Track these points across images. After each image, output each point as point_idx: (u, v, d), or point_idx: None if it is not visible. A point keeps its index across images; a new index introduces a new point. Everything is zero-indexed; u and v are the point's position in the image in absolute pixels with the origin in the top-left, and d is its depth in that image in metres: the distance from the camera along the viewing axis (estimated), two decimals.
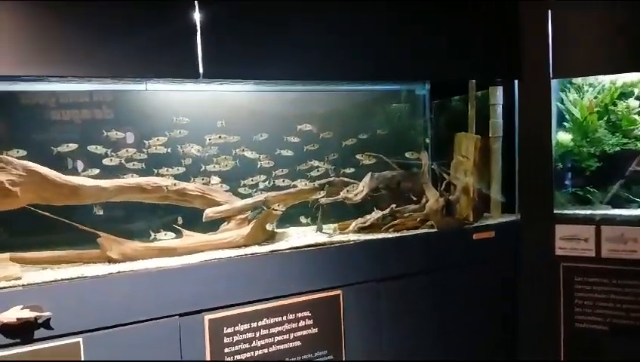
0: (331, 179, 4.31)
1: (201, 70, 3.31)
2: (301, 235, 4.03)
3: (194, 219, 3.84)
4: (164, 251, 3.53)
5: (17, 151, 3.53)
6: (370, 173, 4.26)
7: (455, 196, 4.35)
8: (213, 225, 3.85)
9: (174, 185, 3.64)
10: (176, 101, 3.90)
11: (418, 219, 4.23)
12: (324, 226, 4.18)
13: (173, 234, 3.58)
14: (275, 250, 3.60)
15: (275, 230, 3.98)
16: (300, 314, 3.54)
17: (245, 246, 3.67)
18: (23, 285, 3.12)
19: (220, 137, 3.80)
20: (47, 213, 3.36)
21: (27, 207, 3.44)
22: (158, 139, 3.78)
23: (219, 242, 3.69)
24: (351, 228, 4.11)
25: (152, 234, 3.62)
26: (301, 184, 4.12)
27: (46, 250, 3.67)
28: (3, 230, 3.70)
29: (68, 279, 3.29)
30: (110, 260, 3.61)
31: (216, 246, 3.65)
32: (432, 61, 4.16)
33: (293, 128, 4.21)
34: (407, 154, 4.48)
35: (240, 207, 3.88)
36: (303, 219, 4.31)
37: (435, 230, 4.12)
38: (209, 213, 4.06)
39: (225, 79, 3.54)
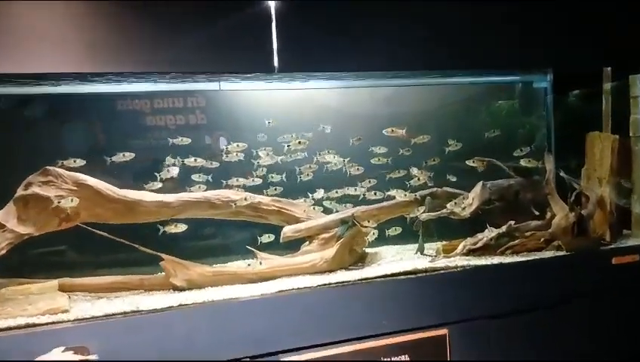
0: (433, 189, 3.78)
1: (276, 64, 2.95)
2: (397, 258, 3.62)
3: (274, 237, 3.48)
4: (236, 277, 3.21)
5: (74, 161, 3.05)
6: (481, 183, 3.71)
7: (588, 210, 3.67)
8: (293, 245, 3.50)
9: (245, 199, 3.30)
10: (252, 101, 3.78)
11: (542, 240, 3.64)
12: (425, 246, 3.72)
13: (252, 261, 3.37)
14: (365, 278, 3.16)
15: (366, 250, 3.56)
16: (396, 359, 3.03)
17: (330, 271, 3.28)
18: (70, 320, 2.72)
19: (299, 142, 3.20)
20: (101, 232, 2.87)
21: (81, 225, 2.99)
22: (238, 145, 3.48)
23: (298, 266, 3.28)
24: (459, 250, 3.56)
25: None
26: (397, 195, 3.63)
27: (103, 274, 3.30)
28: (53, 251, 3.25)
29: (121, 313, 2.87)
30: (174, 287, 3.23)
31: (295, 271, 3.26)
32: (556, 45, 3.57)
33: (384, 129, 3.72)
34: (524, 160, 3.82)
35: (323, 224, 3.49)
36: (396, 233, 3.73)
37: (564, 253, 3.53)
38: (287, 232, 3.51)
39: (301, 72, 3.22)
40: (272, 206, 3.57)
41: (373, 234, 3.61)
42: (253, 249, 3.27)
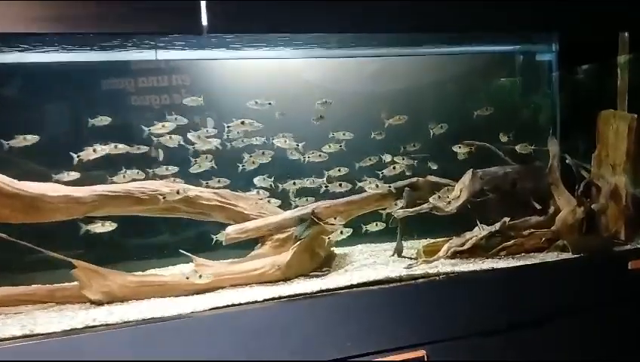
0: (413, 180, 3.32)
1: (205, 23, 2.46)
2: (370, 261, 3.18)
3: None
4: (167, 288, 2.74)
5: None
6: (470, 171, 3.28)
7: (599, 203, 3.30)
8: (244, 248, 3.07)
9: (177, 192, 2.83)
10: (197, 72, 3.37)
11: (544, 239, 3.21)
12: (405, 246, 3.35)
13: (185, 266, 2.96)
14: (325, 290, 2.69)
15: (334, 251, 3.28)
16: None
17: (285, 279, 2.84)
18: None
19: (242, 122, 2.95)
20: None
21: None
22: (163, 125, 2.95)
23: (245, 275, 2.81)
24: (442, 252, 3.08)
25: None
26: (369, 187, 3.11)
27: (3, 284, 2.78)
28: None
29: (9, 339, 2.28)
30: (90, 301, 2.68)
31: (241, 280, 2.80)
32: (562, 6, 3.07)
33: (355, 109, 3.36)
34: (523, 144, 3.44)
35: (277, 222, 3.05)
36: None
37: (570, 255, 3.11)
38: (231, 232, 2.98)
39: (236, 34, 2.75)
40: (212, 200, 3.02)
41: (342, 233, 3.00)
42: (187, 253, 2.82)
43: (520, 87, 4.10)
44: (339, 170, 3.20)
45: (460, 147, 3.39)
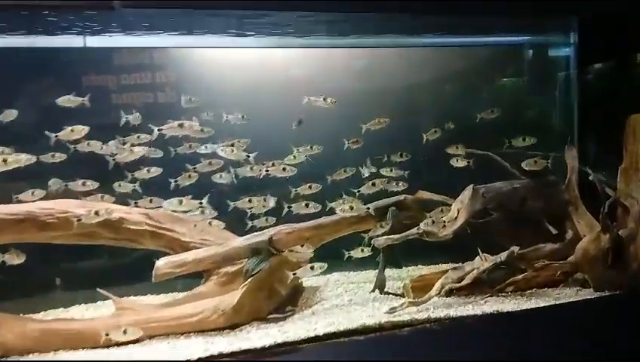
0: (400, 197, 2.89)
1: None
2: (344, 300, 2.78)
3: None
4: (78, 338, 2.24)
5: None
6: (471, 187, 2.93)
7: (628, 229, 2.85)
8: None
9: (96, 213, 2.34)
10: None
11: (559, 273, 2.83)
12: (387, 278, 2.90)
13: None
14: (283, 344, 2.22)
15: (302, 283, 2.83)
16: None
17: (232, 326, 2.38)
18: None
19: (180, 125, 2.50)
20: None
21: None
22: (72, 130, 2.47)
23: (180, 322, 2.33)
24: (434, 290, 2.64)
25: None
26: (341, 208, 2.66)
27: None
28: None
29: None
30: None
31: (175, 329, 2.33)
32: None
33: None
34: (532, 159, 3.00)
35: (224, 253, 2.55)
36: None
37: (592, 292, 2.77)
38: (162, 266, 2.47)
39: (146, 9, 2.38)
40: (142, 224, 2.52)
41: (313, 268, 2.53)
42: (105, 292, 2.41)
43: (529, 87, 3.70)
44: (309, 187, 2.70)
45: (456, 148, 2.96)
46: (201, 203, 2.54)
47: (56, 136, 2.42)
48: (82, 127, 2.39)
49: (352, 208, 2.60)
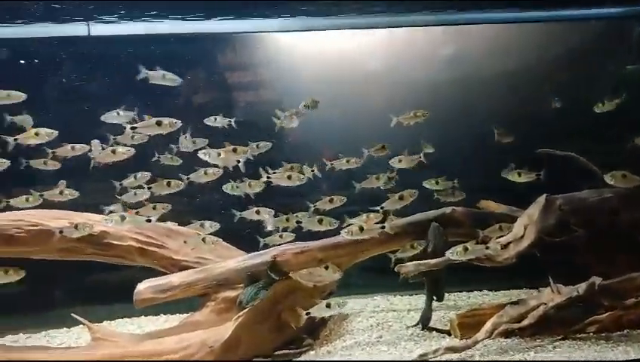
0: (447, 210, 2.37)
1: None
2: (372, 336, 2.26)
3: None
4: None
5: None
6: (543, 197, 2.34)
7: None
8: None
9: (76, 227, 2.04)
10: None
11: None
12: (431, 314, 2.38)
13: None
14: None
15: (320, 311, 2.15)
16: None
17: None
18: None
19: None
20: None
21: None
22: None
23: (159, 359, 1.95)
24: (484, 332, 2.06)
25: None
26: (346, 231, 2.16)
27: None
28: None
29: None
30: None
31: None
32: None
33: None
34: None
35: (218, 275, 2.15)
36: None
37: None
38: (143, 291, 2.08)
39: None
40: (127, 240, 2.17)
41: (333, 306, 2.06)
42: (80, 319, 2.08)
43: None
44: (329, 200, 2.26)
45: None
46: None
47: (15, 139, 2.14)
48: (50, 130, 2.13)
49: (361, 229, 2.07)
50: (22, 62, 2.70)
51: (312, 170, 2.38)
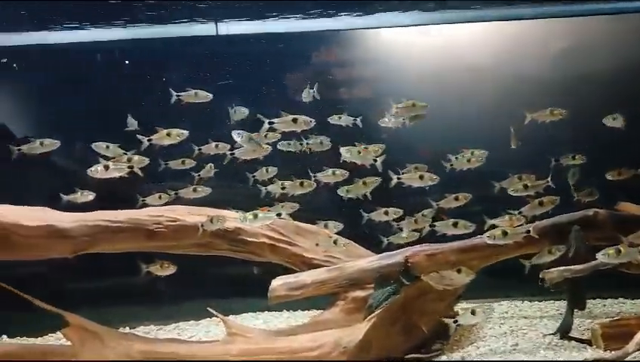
0: (588, 212, 2.19)
1: None
2: (508, 343, 2.19)
3: None
4: None
5: None
6: None
7: None
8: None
9: (211, 221, 2.08)
10: None
11: None
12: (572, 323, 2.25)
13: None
14: None
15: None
16: None
17: None
18: None
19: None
20: None
21: None
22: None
23: (293, 356, 1.99)
24: (634, 344, 1.89)
25: None
26: (488, 234, 2.06)
27: None
28: None
29: None
30: None
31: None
32: None
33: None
34: None
35: (349, 274, 2.13)
36: None
37: None
38: (277, 288, 2.10)
39: None
40: (260, 236, 2.18)
41: (478, 313, 2.03)
42: (216, 313, 2.12)
43: None
44: (455, 198, 2.17)
45: None
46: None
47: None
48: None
49: (505, 234, 1.95)
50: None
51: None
